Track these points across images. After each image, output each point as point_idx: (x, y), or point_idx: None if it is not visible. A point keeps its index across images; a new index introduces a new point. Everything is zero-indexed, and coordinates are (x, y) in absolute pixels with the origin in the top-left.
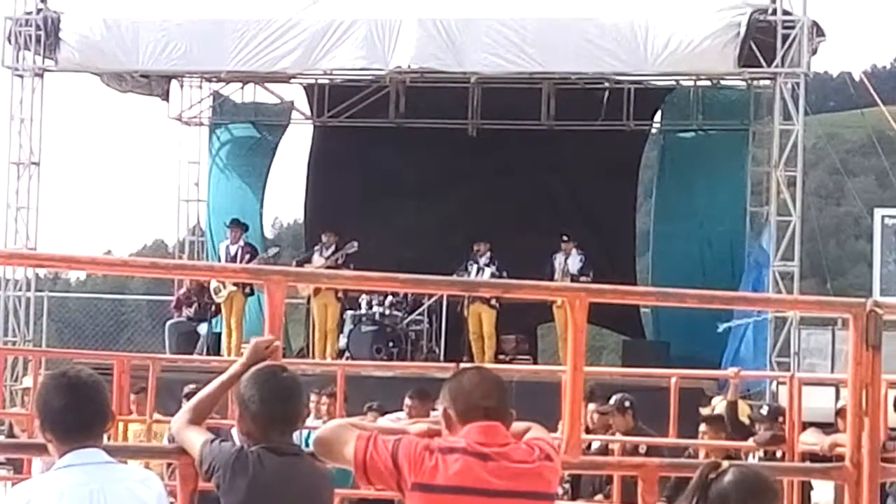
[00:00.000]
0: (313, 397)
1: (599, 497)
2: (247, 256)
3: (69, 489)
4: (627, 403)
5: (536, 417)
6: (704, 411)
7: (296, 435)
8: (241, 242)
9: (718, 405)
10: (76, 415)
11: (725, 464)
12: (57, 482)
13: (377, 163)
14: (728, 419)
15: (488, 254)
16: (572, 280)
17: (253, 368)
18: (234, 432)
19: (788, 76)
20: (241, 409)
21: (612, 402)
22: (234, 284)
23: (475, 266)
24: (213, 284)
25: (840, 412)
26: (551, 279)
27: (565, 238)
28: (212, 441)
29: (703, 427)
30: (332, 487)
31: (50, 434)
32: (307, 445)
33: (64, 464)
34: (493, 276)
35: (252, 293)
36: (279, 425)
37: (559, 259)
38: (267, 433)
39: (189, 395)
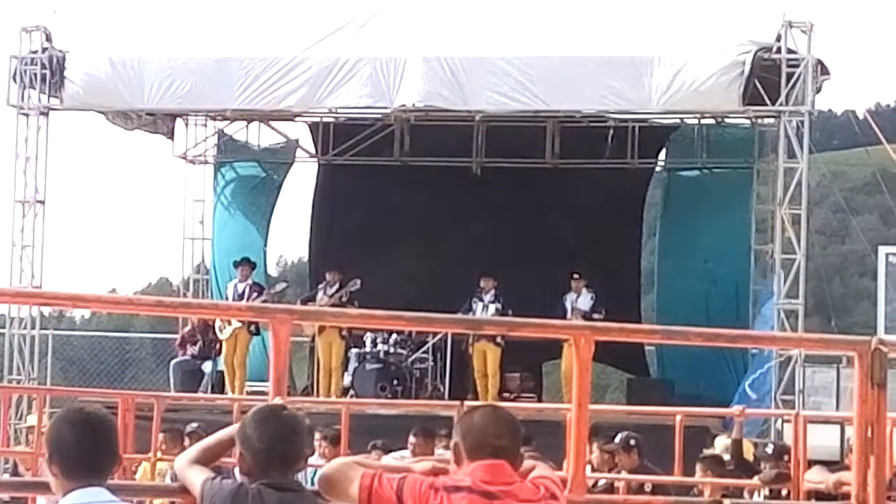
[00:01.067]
0: (318, 436)
1: None
2: (254, 295)
3: None
4: (633, 442)
5: (542, 455)
6: (708, 451)
7: (300, 475)
8: (250, 281)
9: (720, 444)
10: (88, 451)
11: (727, 502)
12: None
13: (382, 201)
14: (733, 457)
15: (493, 290)
16: (584, 319)
17: (254, 407)
18: (237, 471)
19: (793, 114)
20: (242, 447)
21: (617, 440)
22: (240, 322)
23: (480, 303)
24: (218, 322)
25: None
26: (563, 318)
27: (576, 276)
28: (213, 478)
29: (699, 467)
30: None
31: (57, 468)
32: (312, 484)
33: (67, 503)
34: (497, 312)
35: (258, 332)
36: (280, 464)
37: (570, 298)
38: (267, 472)
39: (191, 434)
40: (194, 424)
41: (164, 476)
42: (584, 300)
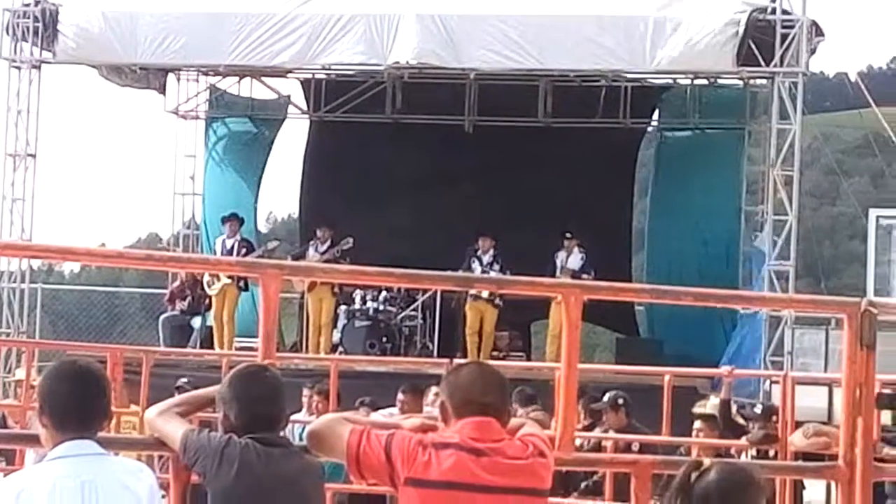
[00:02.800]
0: (305, 392)
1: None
2: (243, 251)
3: (60, 481)
4: (621, 401)
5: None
6: (698, 409)
7: (289, 430)
8: (238, 237)
9: (711, 405)
10: (79, 403)
11: (708, 462)
12: (49, 473)
13: (373, 158)
14: (721, 417)
15: (492, 251)
16: (572, 278)
17: (236, 368)
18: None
19: (786, 76)
20: (225, 408)
21: (605, 399)
22: (229, 278)
23: (478, 264)
24: (206, 277)
25: None
26: (553, 277)
27: (568, 235)
28: (197, 431)
29: (698, 424)
30: (322, 480)
31: (47, 420)
32: (300, 440)
33: (56, 455)
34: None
35: (246, 288)
36: (263, 424)
37: (561, 257)
38: (252, 433)
39: (181, 388)
40: (184, 379)
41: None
42: (575, 259)
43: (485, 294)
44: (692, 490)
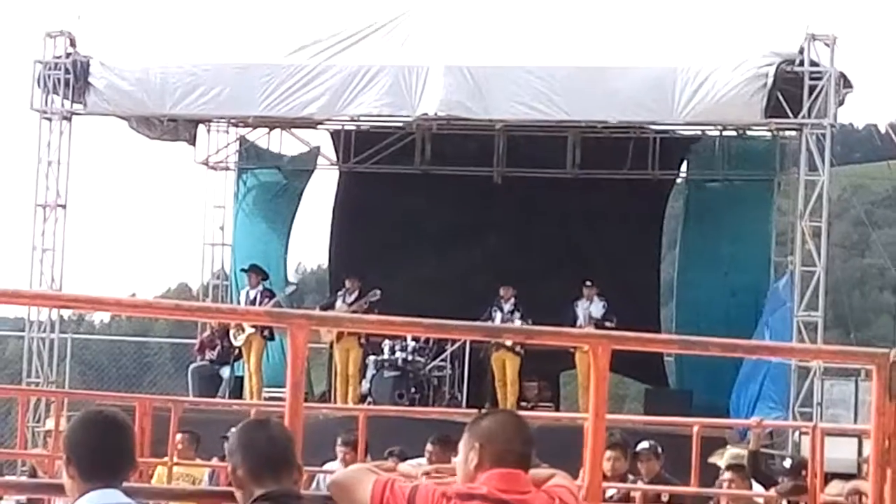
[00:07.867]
0: (339, 441)
1: None
2: (266, 300)
3: None
4: (660, 449)
5: (558, 464)
6: (711, 459)
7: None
8: (260, 287)
9: (726, 455)
10: (106, 453)
11: None
12: None
13: (402, 209)
14: (750, 468)
15: (513, 300)
16: (596, 326)
17: (240, 423)
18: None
19: (815, 127)
20: (232, 460)
21: (646, 446)
22: (253, 327)
23: (499, 312)
24: (231, 329)
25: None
26: (574, 325)
27: (588, 283)
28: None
29: (727, 475)
30: None
31: (74, 470)
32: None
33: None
34: (519, 322)
35: (272, 337)
36: (269, 473)
37: (582, 305)
38: (261, 481)
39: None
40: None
41: (180, 480)
42: (597, 307)
43: (507, 343)
44: None
